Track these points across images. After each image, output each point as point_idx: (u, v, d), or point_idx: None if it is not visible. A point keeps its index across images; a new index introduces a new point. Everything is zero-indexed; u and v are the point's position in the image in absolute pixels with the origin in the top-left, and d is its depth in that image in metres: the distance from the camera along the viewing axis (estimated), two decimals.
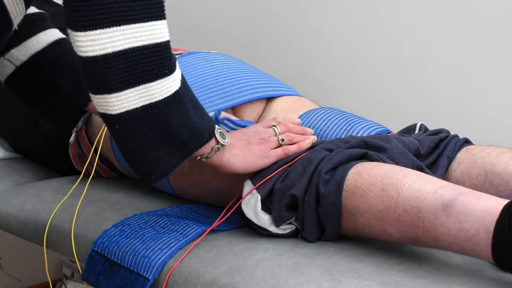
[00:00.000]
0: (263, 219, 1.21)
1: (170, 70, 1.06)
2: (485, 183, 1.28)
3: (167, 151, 1.09)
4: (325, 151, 1.22)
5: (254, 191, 1.21)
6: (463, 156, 1.33)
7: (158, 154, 1.08)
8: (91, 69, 1.01)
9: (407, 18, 1.96)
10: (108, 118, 1.05)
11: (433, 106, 1.94)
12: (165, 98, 1.06)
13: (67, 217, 1.43)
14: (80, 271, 1.40)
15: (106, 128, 1.49)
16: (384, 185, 1.13)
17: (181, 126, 1.08)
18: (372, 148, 1.24)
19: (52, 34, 1.31)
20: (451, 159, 1.33)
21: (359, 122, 1.47)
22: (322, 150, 1.22)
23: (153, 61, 1.03)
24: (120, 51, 1.00)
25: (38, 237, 1.45)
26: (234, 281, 1.12)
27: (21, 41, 1.27)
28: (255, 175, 1.23)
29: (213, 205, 1.38)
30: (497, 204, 1.04)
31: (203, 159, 1.17)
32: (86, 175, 1.54)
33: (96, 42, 0.99)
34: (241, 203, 1.22)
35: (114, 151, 1.50)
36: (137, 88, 1.03)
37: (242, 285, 1.11)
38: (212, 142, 1.16)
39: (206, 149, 1.16)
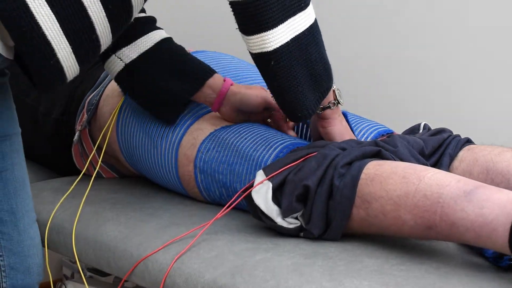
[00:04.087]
0: (272, 209, 1.21)
1: (306, 4, 1.21)
2: (486, 181, 1.28)
3: (309, 88, 1.23)
4: (339, 149, 1.23)
5: (266, 181, 1.21)
6: (464, 155, 1.33)
7: (304, 91, 1.22)
8: (250, 10, 1.15)
9: (408, 18, 1.96)
10: (263, 56, 1.19)
11: (434, 106, 1.94)
12: (304, 30, 1.20)
13: (67, 217, 1.43)
14: (80, 271, 1.40)
15: (112, 122, 1.50)
16: (406, 173, 1.14)
17: (318, 59, 1.23)
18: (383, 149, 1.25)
19: (158, 34, 1.41)
20: (452, 157, 1.33)
21: (361, 122, 1.47)
22: (336, 148, 1.23)
23: None
24: None
25: None
26: (234, 282, 1.12)
27: (132, 41, 1.38)
28: (267, 166, 1.23)
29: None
30: None
31: (318, 111, 1.30)
32: (87, 175, 1.54)
33: None
34: (251, 191, 1.22)
35: (120, 143, 1.50)
36: (286, 22, 1.18)
37: (242, 285, 1.11)
38: (331, 96, 1.30)
39: (325, 100, 1.29)
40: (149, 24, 1.42)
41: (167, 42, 1.41)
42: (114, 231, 1.34)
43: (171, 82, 1.39)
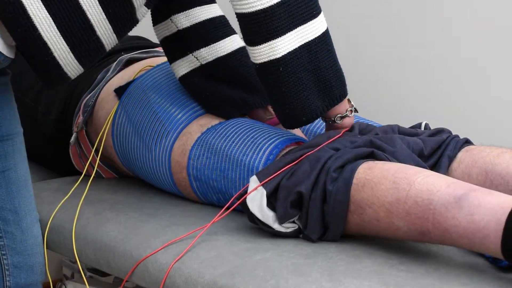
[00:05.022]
0: (267, 215, 1.21)
1: (317, 12, 1.25)
2: (485, 183, 1.27)
3: (316, 95, 1.26)
4: (332, 150, 1.22)
5: (260, 187, 1.21)
6: (463, 156, 1.32)
7: (310, 96, 1.26)
8: (259, 20, 1.19)
9: (408, 18, 1.96)
10: (272, 64, 1.22)
11: (434, 106, 1.94)
12: (315, 38, 1.24)
13: (67, 217, 1.43)
14: (81, 271, 1.40)
15: (107, 127, 1.50)
16: (396, 178, 1.13)
17: (328, 66, 1.26)
18: (378, 149, 1.24)
19: (236, 41, 1.45)
20: (451, 158, 1.33)
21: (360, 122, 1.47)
22: (329, 149, 1.22)
23: (305, 5, 1.22)
24: (281, 0, 1.19)
25: None
26: (234, 282, 1.12)
27: (208, 43, 1.43)
28: (260, 172, 1.23)
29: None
30: (510, 199, 1.05)
31: (337, 121, 1.32)
32: (87, 176, 1.54)
33: None
34: (245, 198, 1.22)
35: (115, 147, 1.50)
36: (295, 30, 1.22)
37: (242, 285, 1.11)
38: (346, 104, 1.32)
39: (341, 108, 1.31)
40: (225, 27, 1.45)
41: (242, 53, 1.44)
42: (114, 231, 1.34)
43: (243, 90, 1.42)
